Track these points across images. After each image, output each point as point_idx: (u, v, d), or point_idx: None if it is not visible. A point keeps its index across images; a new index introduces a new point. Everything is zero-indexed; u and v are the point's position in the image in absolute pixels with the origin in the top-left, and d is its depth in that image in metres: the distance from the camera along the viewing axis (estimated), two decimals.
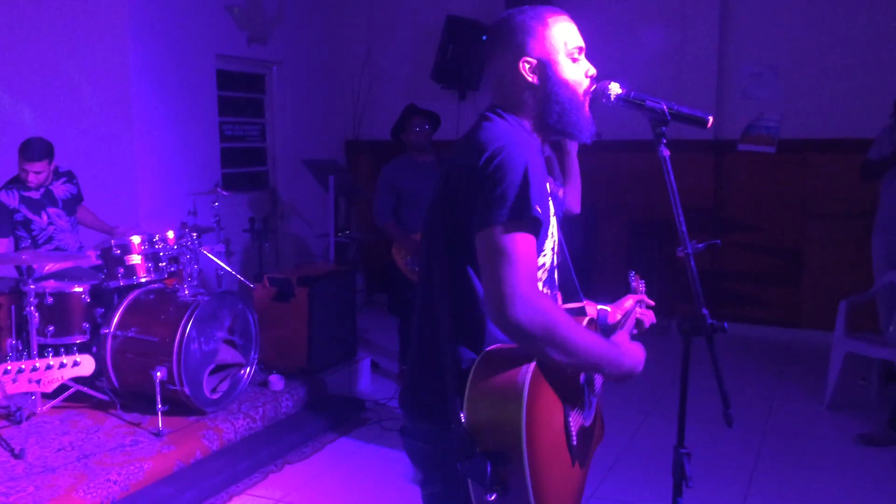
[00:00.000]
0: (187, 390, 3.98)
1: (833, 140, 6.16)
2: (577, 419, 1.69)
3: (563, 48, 1.73)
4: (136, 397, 4.19)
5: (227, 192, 4.95)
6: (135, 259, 4.15)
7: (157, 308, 4.15)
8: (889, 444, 4.21)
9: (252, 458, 3.92)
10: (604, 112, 1.86)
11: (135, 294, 4.24)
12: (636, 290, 2.09)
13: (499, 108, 1.76)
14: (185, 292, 4.19)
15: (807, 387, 5.17)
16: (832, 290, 6.05)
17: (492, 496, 1.47)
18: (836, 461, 4.08)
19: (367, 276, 7.82)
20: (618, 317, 1.94)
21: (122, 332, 4.11)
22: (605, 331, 1.88)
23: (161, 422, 3.88)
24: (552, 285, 1.82)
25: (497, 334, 1.63)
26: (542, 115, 1.74)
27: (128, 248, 4.16)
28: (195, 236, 4.35)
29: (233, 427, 4.08)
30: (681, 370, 1.83)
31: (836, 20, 6.10)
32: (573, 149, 2.40)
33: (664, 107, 1.74)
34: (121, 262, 4.15)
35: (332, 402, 4.74)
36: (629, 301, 1.97)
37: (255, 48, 6.72)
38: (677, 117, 1.75)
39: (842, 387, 4.80)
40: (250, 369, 4.40)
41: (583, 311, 1.87)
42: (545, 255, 1.75)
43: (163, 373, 3.89)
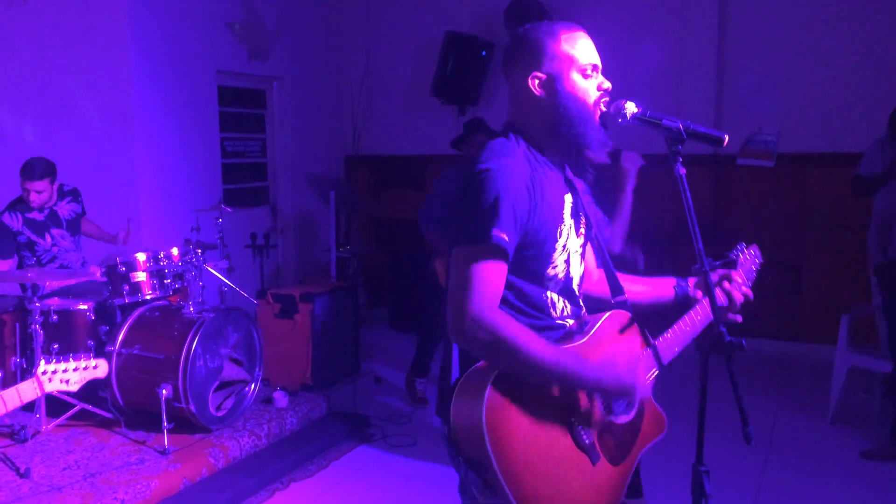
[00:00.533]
0: (193, 408, 3.96)
1: (832, 154, 6.20)
2: (589, 417, 1.75)
3: (573, 63, 1.77)
4: (140, 415, 4.18)
5: (230, 208, 4.94)
6: (140, 276, 4.15)
7: (163, 325, 4.14)
8: (892, 458, 4.21)
9: (258, 475, 3.91)
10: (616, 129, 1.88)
11: (139, 311, 4.24)
12: (739, 265, 2.11)
13: (511, 125, 1.84)
14: (191, 309, 4.19)
15: (808, 400, 5.17)
16: (832, 302, 6.08)
17: (478, 496, 1.59)
18: (842, 476, 4.08)
19: (367, 290, 7.82)
20: (699, 294, 2.00)
21: (126, 350, 4.10)
22: (686, 302, 2.01)
23: (167, 440, 3.87)
24: (569, 296, 1.86)
25: None
26: (552, 128, 1.79)
27: (133, 266, 4.16)
28: (199, 253, 4.35)
29: (238, 445, 4.06)
30: (699, 387, 1.84)
31: (835, 34, 6.15)
32: (629, 189, 2.48)
33: (680, 126, 1.76)
34: (126, 279, 4.14)
35: (337, 419, 4.73)
36: (713, 277, 1.99)
37: (256, 64, 6.75)
38: (693, 136, 1.77)
39: (844, 400, 4.80)
40: (255, 386, 4.39)
41: (625, 304, 1.95)
42: (555, 267, 1.80)
43: (168, 390, 3.88)
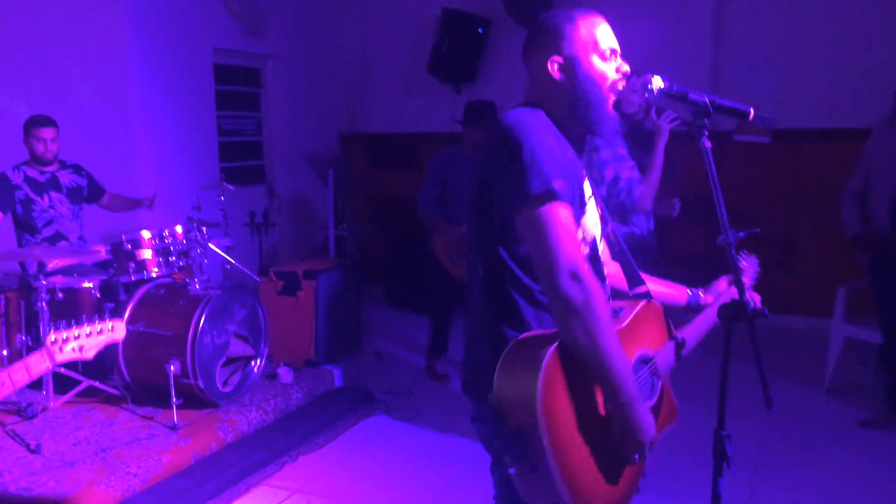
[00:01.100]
0: (201, 383, 3.99)
1: (827, 130, 6.26)
2: None
3: (592, 47, 1.81)
4: (147, 391, 4.20)
5: (233, 186, 4.95)
6: (146, 254, 4.16)
7: (169, 302, 4.15)
8: (889, 424, 4.31)
9: (267, 449, 3.95)
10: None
11: (145, 289, 4.25)
12: (743, 271, 2.15)
13: (529, 103, 1.86)
14: (196, 286, 4.20)
15: (804, 372, 5.26)
16: (825, 277, 6.17)
17: (512, 470, 1.56)
18: (838, 444, 4.18)
19: (363, 269, 7.83)
20: (709, 299, 2.02)
21: (132, 327, 4.11)
22: (696, 310, 2.05)
23: (176, 415, 3.90)
24: (595, 264, 1.89)
25: (532, 317, 1.74)
26: (568, 109, 1.82)
27: (138, 243, 4.16)
28: (204, 231, 4.36)
29: (246, 419, 4.10)
30: (722, 354, 1.89)
31: (830, 10, 6.18)
32: (661, 146, 2.48)
33: (706, 99, 1.80)
34: (132, 256, 4.15)
35: (342, 393, 4.77)
36: (723, 283, 2.05)
37: (251, 41, 6.70)
38: (720, 109, 1.81)
39: (840, 372, 4.90)
40: (261, 362, 4.43)
41: (647, 294, 1.95)
42: (584, 231, 1.82)
43: (176, 366, 3.91)
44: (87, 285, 4.22)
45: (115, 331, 2.14)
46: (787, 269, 6.51)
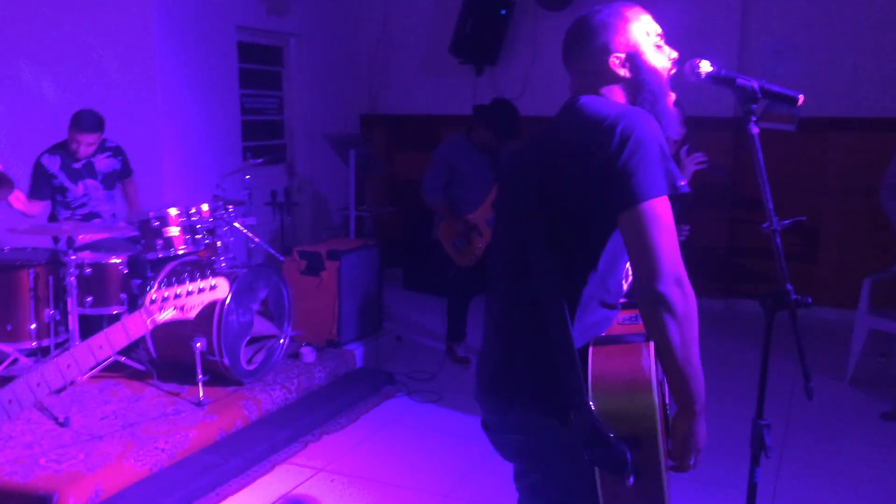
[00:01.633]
0: (227, 361, 4.02)
1: (853, 119, 6.20)
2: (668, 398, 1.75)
3: (646, 37, 1.77)
4: (172, 367, 4.24)
5: (259, 160, 4.95)
6: (173, 231, 4.18)
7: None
8: None
9: (291, 427, 3.97)
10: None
11: (171, 265, 4.26)
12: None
13: (592, 94, 1.77)
14: (222, 264, 4.22)
15: (826, 363, 5.24)
16: (849, 267, 6.14)
17: (632, 480, 1.50)
18: (862, 436, 4.17)
19: (382, 250, 7.83)
20: None
21: None
22: None
23: (202, 391, 3.93)
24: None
25: (589, 318, 1.68)
26: (635, 104, 1.75)
27: (166, 220, 4.19)
28: (230, 209, 4.37)
29: (270, 398, 4.13)
30: (762, 344, 1.88)
31: None
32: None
33: (755, 85, 1.78)
34: (159, 233, 4.17)
35: (363, 374, 4.80)
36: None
37: (274, 19, 6.69)
38: (768, 95, 1.79)
39: (863, 363, 4.88)
40: (285, 341, 4.45)
41: None
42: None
43: (203, 343, 3.94)
44: (114, 261, 4.24)
45: (218, 289, 1.96)
46: (810, 260, 6.48)
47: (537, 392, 1.65)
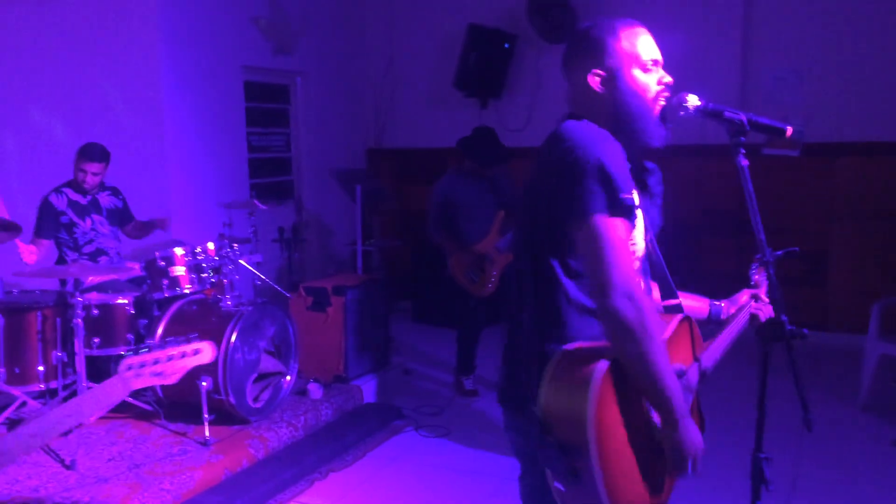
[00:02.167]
0: (232, 399, 4.02)
1: (858, 143, 6.19)
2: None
3: (633, 59, 1.79)
4: (179, 407, 4.24)
5: (264, 205, 5.00)
6: (179, 270, 4.21)
7: (201, 318, 4.20)
8: None
9: (297, 466, 3.96)
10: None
11: (178, 305, 4.29)
12: (756, 284, 2.14)
13: (575, 115, 1.84)
14: (228, 303, 4.24)
15: (838, 389, 5.18)
16: (859, 292, 6.08)
17: (558, 484, 1.55)
18: (875, 463, 4.10)
19: (390, 285, 7.85)
20: (732, 311, 2.00)
21: None
22: (717, 325, 2.03)
23: (208, 431, 3.93)
24: (644, 273, 1.88)
25: (579, 328, 1.72)
26: (612, 122, 1.79)
27: (172, 260, 4.22)
28: (235, 247, 4.40)
29: (276, 435, 4.12)
30: (759, 375, 1.87)
31: (860, 22, 6.13)
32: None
33: (743, 118, 1.79)
34: (165, 273, 4.20)
35: (370, 410, 4.78)
36: (745, 296, 2.02)
37: (280, 59, 6.78)
38: (756, 127, 1.80)
39: (875, 389, 4.82)
40: (291, 378, 4.45)
41: (679, 307, 1.94)
42: (634, 244, 1.81)
43: (208, 382, 3.94)
44: (121, 301, 4.27)
45: (203, 353, 1.95)
46: (820, 284, 6.43)
47: (520, 396, 1.74)
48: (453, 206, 5.10)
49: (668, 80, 1.82)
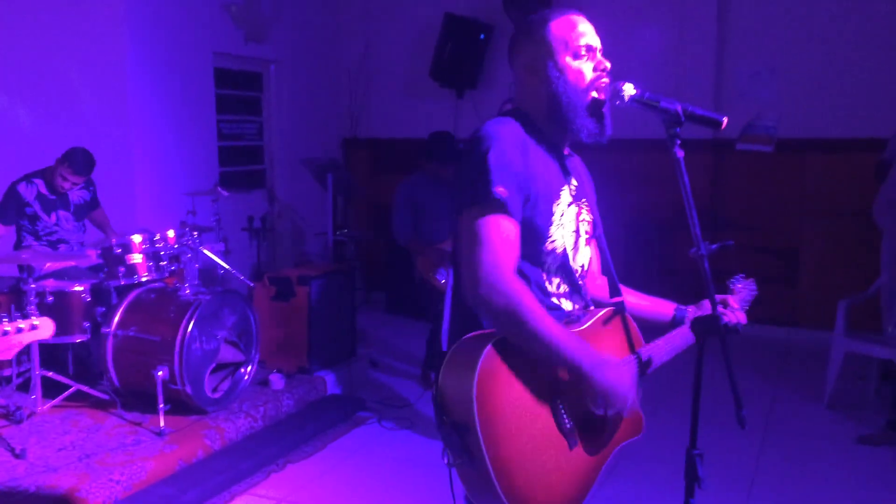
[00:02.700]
0: (189, 389, 3.97)
1: (830, 140, 6.18)
2: (575, 403, 1.72)
3: (564, 47, 1.79)
4: (136, 396, 4.18)
5: (227, 192, 4.93)
6: (136, 258, 4.14)
7: (159, 307, 4.13)
8: (888, 443, 4.23)
9: (254, 457, 3.91)
10: (613, 111, 1.88)
11: (136, 293, 4.23)
12: (734, 292, 2.13)
13: (512, 109, 1.87)
14: (187, 291, 4.18)
15: (805, 386, 5.19)
16: (829, 289, 6.08)
17: (448, 461, 1.60)
18: (837, 460, 4.10)
19: (365, 275, 7.81)
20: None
21: (122, 332, 4.10)
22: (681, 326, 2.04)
23: (163, 421, 3.87)
24: (565, 274, 1.84)
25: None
26: (547, 110, 1.81)
27: (129, 247, 4.15)
28: (195, 235, 4.33)
29: (234, 426, 4.07)
30: (694, 371, 1.84)
31: (835, 19, 6.12)
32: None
33: (678, 108, 1.75)
34: (122, 260, 4.13)
35: (333, 401, 4.73)
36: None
37: (253, 46, 6.70)
38: (692, 118, 1.76)
39: (841, 386, 4.82)
40: (251, 368, 4.40)
41: (621, 305, 1.95)
42: (553, 241, 1.80)
43: (164, 372, 3.88)
44: (77, 289, 4.20)
45: (41, 328, 1.95)
46: (789, 281, 6.43)
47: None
48: (418, 206, 5.10)
49: (605, 65, 1.80)
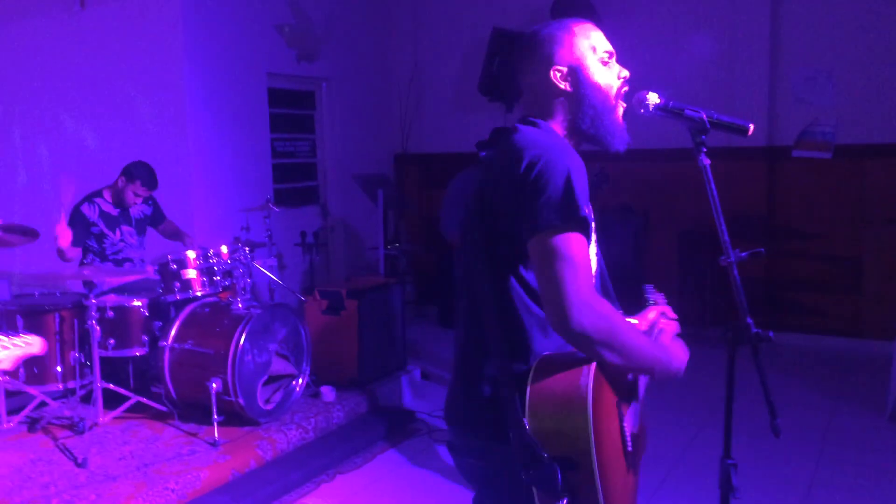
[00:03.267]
0: (241, 401, 4.07)
1: (890, 145, 6.00)
2: (629, 424, 1.70)
3: (591, 53, 1.76)
4: (192, 408, 4.30)
5: (278, 207, 5.06)
6: (190, 273, 4.27)
7: (212, 321, 4.26)
8: None
9: (304, 468, 3.98)
10: (652, 120, 1.87)
11: (191, 307, 4.36)
12: (656, 303, 2.07)
13: (530, 118, 1.79)
14: (239, 305, 4.29)
15: (867, 398, 5.02)
16: (890, 298, 5.89)
17: (563, 501, 1.49)
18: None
19: (417, 288, 7.88)
20: (643, 328, 1.92)
21: (178, 345, 4.23)
22: None
23: (217, 432, 3.98)
24: (599, 288, 1.84)
25: (542, 343, 1.66)
26: (575, 120, 1.76)
27: (184, 263, 4.29)
28: (248, 251, 4.45)
29: (286, 437, 4.15)
30: (726, 380, 1.82)
31: (892, 21, 5.95)
32: None
33: (703, 115, 1.75)
34: (177, 276, 4.27)
35: (383, 414, 4.78)
36: (652, 313, 1.94)
37: (305, 65, 6.86)
38: (717, 125, 1.75)
39: None
40: (302, 380, 4.48)
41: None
42: (591, 260, 1.75)
43: (218, 384, 3.99)
44: (136, 304, 4.36)
45: (33, 346, 1.98)
46: (850, 289, 6.25)
47: (478, 417, 1.68)
48: (466, 205, 5.07)
49: (625, 73, 1.79)
